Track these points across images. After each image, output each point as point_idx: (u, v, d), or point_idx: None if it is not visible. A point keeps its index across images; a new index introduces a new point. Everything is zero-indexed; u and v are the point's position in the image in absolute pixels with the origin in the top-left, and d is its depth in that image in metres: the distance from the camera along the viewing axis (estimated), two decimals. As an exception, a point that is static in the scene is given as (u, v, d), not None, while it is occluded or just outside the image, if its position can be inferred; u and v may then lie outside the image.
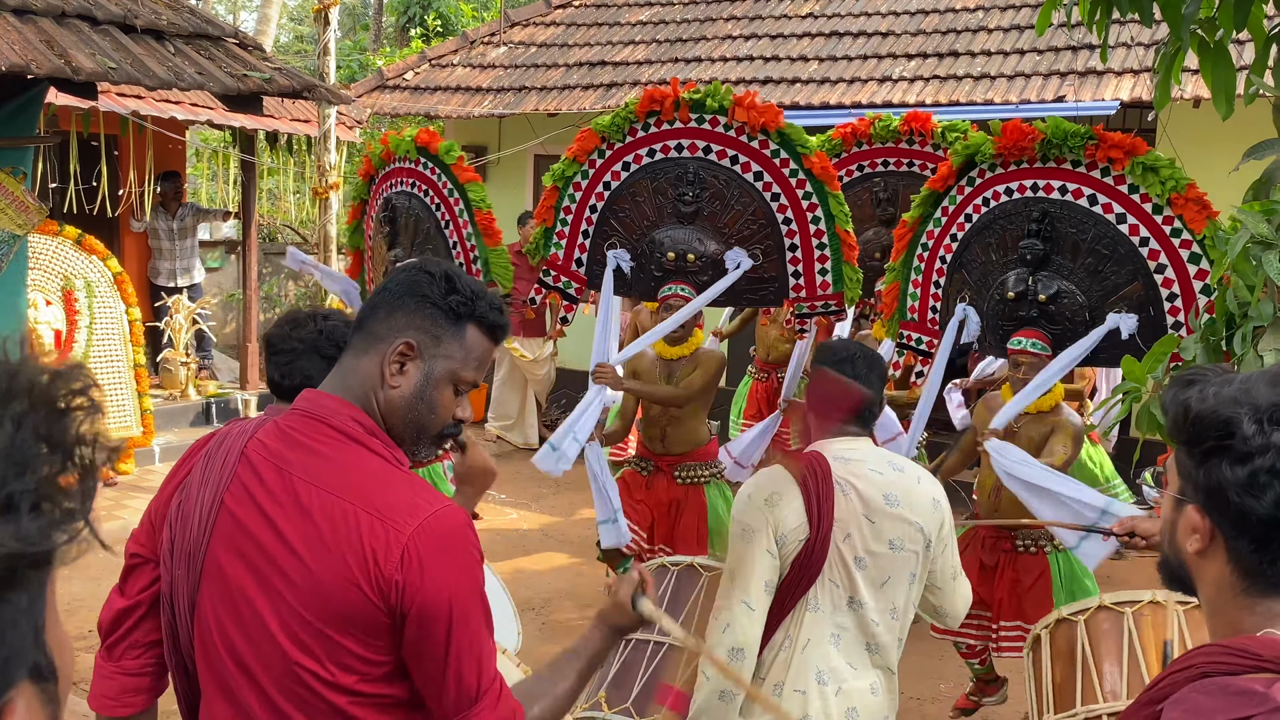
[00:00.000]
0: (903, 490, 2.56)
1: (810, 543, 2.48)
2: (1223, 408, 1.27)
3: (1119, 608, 2.88)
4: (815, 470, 2.54)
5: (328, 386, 1.67)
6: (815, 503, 2.49)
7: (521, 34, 10.88)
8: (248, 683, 1.60)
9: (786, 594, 2.52)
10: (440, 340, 1.65)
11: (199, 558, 1.64)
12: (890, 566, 2.54)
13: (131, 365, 7.87)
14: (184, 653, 1.70)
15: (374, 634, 1.55)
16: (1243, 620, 1.28)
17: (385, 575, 1.52)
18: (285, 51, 25.55)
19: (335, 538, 1.54)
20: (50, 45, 4.89)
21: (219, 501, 1.64)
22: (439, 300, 1.65)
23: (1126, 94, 7.67)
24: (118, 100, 8.43)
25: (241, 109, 5.88)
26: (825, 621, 2.52)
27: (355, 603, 1.53)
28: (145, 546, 1.81)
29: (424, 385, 1.64)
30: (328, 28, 8.89)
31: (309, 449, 1.61)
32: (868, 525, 2.52)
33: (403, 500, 1.57)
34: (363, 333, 1.67)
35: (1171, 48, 2.86)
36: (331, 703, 1.57)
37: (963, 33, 9.01)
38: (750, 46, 9.63)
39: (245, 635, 1.60)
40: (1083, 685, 2.78)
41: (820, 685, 2.50)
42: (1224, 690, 1.18)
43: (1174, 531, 1.36)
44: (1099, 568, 6.90)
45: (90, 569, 1.02)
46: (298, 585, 1.55)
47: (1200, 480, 1.29)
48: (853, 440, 2.63)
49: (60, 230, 7.53)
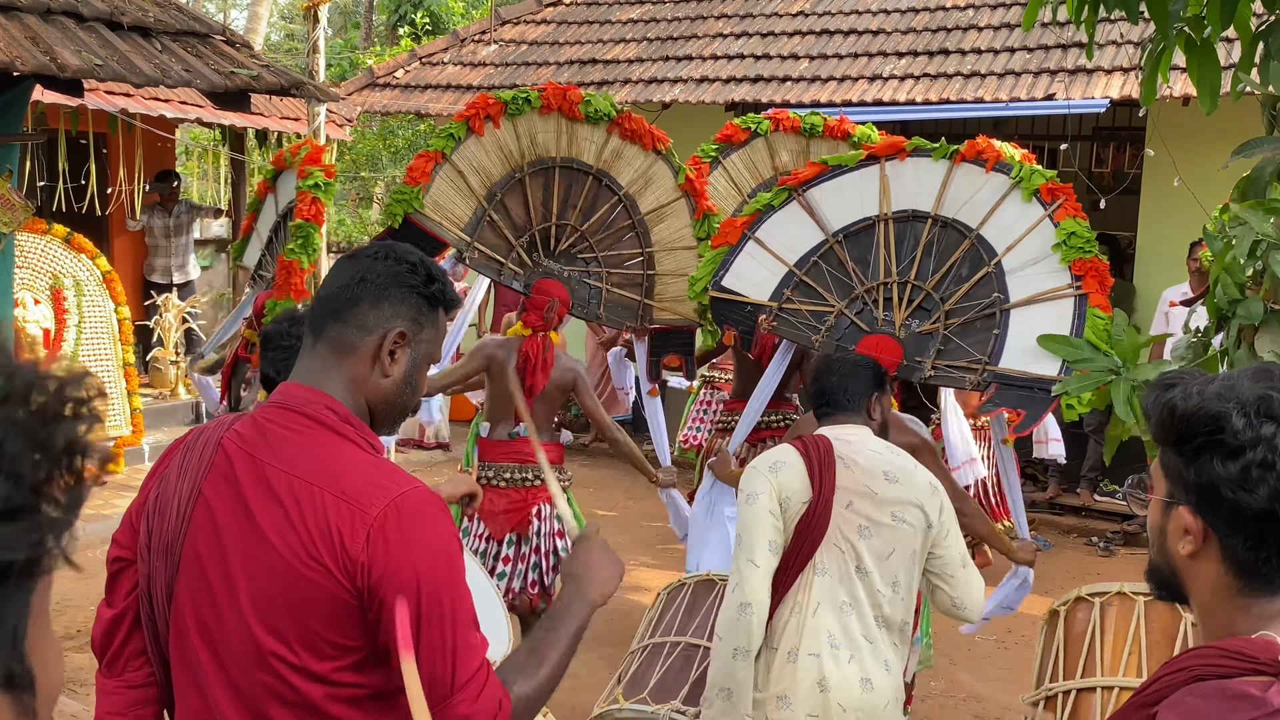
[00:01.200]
0: (901, 470, 2.68)
1: (813, 505, 2.58)
2: (1209, 404, 1.26)
3: (1135, 596, 2.88)
4: (818, 443, 2.69)
5: (300, 378, 1.69)
6: (817, 467, 2.61)
7: (512, 32, 10.86)
8: (217, 673, 1.60)
9: (792, 558, 2.60)
10: (423, 326, 1.71)
11: (176, 549, 1.65)
12: (894, 539, 2.62)
13: (121, 364, 7.85)
14: (163, 645, 1.70)
15: (343, 617, 1.55)
16: (1237, 622, 1.26)
17: (351, 556, 1.53)
18: (276, 50, 25.48)
19: (302, 520, 1.55)
20: (35, 42, 4.87)
21: (197, 491, 1.65)
22: (422, 289, 1.70)
23: (1116, 92, 7.68)
24: (106, 98, 8.40)
25: (230, 107, 5.86)
26: (835, 587, 2.59)
27: (322, 584, 1.54)
28: (128, 549, 1.78)
29: (411, 370, 1.70)
30: (317, 25, 8.86)
31: (282, 437, 1.63)
32: (870, 495, 2.62)
33: (371, 483, 1.58)
34: (343, 324, 1.67)
35: (1158, 45, 2.86)
36: (302, 693, 1.56)
37: (953, 31, 9.02)
38: (741, 44, 9.63)
39: (219, 624, 1.60)
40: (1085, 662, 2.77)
41: (834, 649, 2.56)
42: (1220, 693, 1.17)
43: (1164, 536, 1.33)
44: (1090, 564, 6.93)
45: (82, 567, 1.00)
46: (268, 568, 1.56)
47: (1191, 479, 1.27)
48: (850, 429, 2.77)
49: (49, 229, 7.51)
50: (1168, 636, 2.69)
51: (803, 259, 4.37)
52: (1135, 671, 2.59)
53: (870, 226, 4.29)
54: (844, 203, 4.35)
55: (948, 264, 4.12)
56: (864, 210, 4.32)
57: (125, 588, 1.76)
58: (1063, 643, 2.79)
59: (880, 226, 4.27)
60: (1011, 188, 4.07)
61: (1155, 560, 1.38)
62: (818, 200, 4.39)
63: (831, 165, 4.44)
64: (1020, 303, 3.99)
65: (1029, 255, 4.02)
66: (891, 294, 4.18)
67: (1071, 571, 6.72)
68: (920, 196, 4.23)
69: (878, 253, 4.25)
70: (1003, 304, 4.00)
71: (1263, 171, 2.64)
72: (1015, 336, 3.94)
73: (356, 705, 1.59)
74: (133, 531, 1.76)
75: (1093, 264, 3.86)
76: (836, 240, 4.33)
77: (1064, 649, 2.78)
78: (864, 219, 4.31)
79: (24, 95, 5.46)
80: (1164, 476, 1.33)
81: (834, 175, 4.40)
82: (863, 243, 4.31)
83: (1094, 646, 2.71)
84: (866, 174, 4.34)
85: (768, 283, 4.40)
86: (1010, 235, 4.05)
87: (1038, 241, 4.00)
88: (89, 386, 0.81)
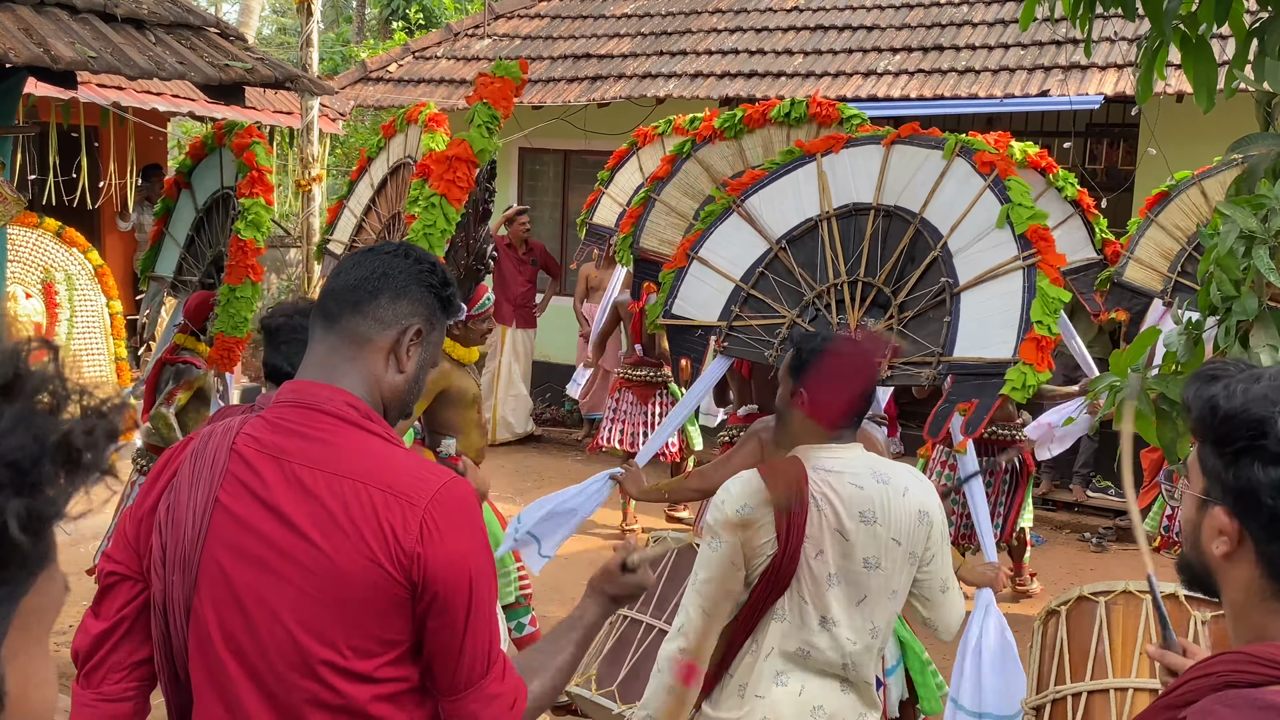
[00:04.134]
0: (882, 505, 2.48)
1: (778, 558, 2.45)
2: (1254, 406, 1.21)
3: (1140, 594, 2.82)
4: (789, 484, 2.48)
5: (312, 375, 1.66)
6: (785, 518, 2.44)
7: (506, 26, 10.84)
8: (248, 685, 1.56)
9: (755, 604, 2.50)
10: (434, 327, 1.73)
11: (194, 561, 1.60)
12: (866, 584, 2.48)
13: (112, 358, 7.82)
14: (177, 662, 1.65)
15: (394, 612, 1.55)
16: (1269, 626, 1.23)
17: (406, 549, 1.53)
18: (268, 44, 25.41)
19: (349, 517, 1.54)
20: (29, 33, 4.85)
21: (213, 500, 1.60)
22: (439, 290, 1.72)
23: (1111, 88, 7.70)
24: (98, 91, 8.36)
25: (223, 100, 5.83)
26: (792, 635, 2.49)
27: (376, 581, 1.53)
28: (121, 563, 1.69)
29: (420, 369, 1.72)
30: (310, 19, 8.83)
31: (306, 436, 1.60)
32: (840, 543, 2.46)
33: (412, 475, 1.58)
34: (361, 316, 1.66)
35: (1153, 42, 2.86)
36: (347, 695, 1.55)
37: (947, 26, 9.02)
38: (735, 40, 9.63)
39: (252, 635, 1.56)
40: (1094, 663, 2.69)
41: (780, 686, 2.49)
42: (1250, 704, 1.13)
43: (1198, 533, 1.30)
44: (1084, 560, 6.95)
45: (65, 567, 0.98)
46: (313, 570, 1.54)
47: (1230, 481, 1.23)
48: (838, 449, 2.55)
49: (41, 222, 7.48)
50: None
51: (748, 272, 4.21)
52: (1149, 672, 2.51)
53: (814, 227, 4.16)
54: (784, 207, 4.21)
55: (895, 255, 3.98)
56: (804, 211, 4.18)
57: (118, 602, 1.69)
58: (1066, 644, 2.72)
59: (823, 226, 4.13)
60: (948, 165, 3.94)
61: (1188, 555, 1.34)
62: (757, 208, 4.25)
63: (767, 169, 4.30)
64: (969, 284, 3.83)
65: (974, 231, 3.86)
66: (844, 295, 4.03)
67: (1065, 567, 6.73)
68: (859, 188, 4.09)
69: (824, 254, 4.10)
70: (953, 288, 3.85)
71: (1257, 167, 2.64)
72: (967, 320, 3.79)
73: (395, 701, 1.58)
74: (127, 545, 1.68)
75: (1041, 232, 3.73)
76: (780, 247, 4.17)
77: (1068, 650, 2.70)
78: (805, 220, 4.17)
79: (17, 87, 5.44)
80: (1201, 472, 1.29)
81: (771, 180, 4.26)
82: (808, 245, 4.16)
83: (1102, 647, 2.65)
84: (804, 174, 4.21)
85: (715, 301, 4.23)
86: (954, 213, 3.90)
87: (982, 215, 3.85)
88: (108, 402, 0.79)
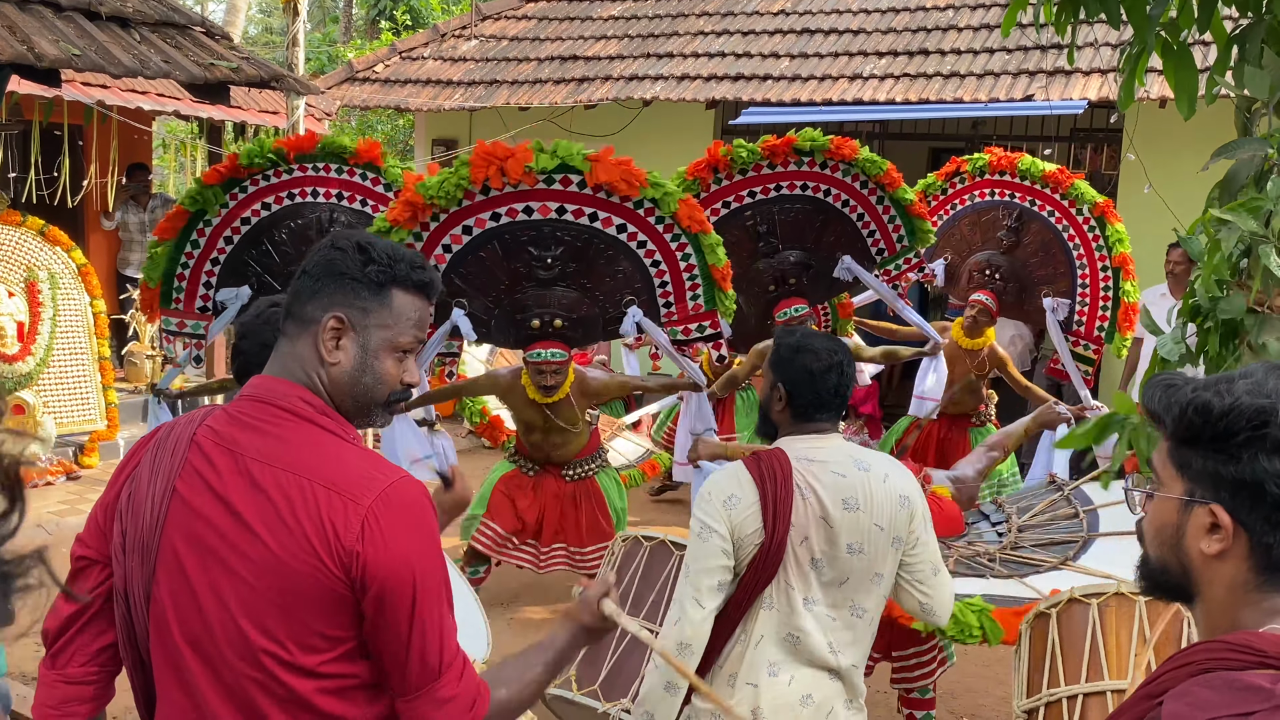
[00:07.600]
0: (865, 493, 2.53)
1: (765, 546, 2.49)
2: (1249, 399, 1.24)
3: (1133, 596, 2.79)
4: (775, 473, 2.53)
5: (270, 371, 1.69)
6: (772, 507, 2.49)
7: (493, 27, 10.84)
8: (204, 671, 1.59)
9: (744, 593, 2.54)
10: (368, 311, 1.67)
11: (153, 548, 1.63)
12: (849, 567, 2.53)
13: (96, 358, 7.78)
14: (140, 647, 1.68)
15: (336, 609, 1.55)
16: (1244, 617, 1.25)
17: (346, 547, 1.54)
18: (254, 44, 25.32)
19: (293, 513, 1.55)
20: (12, 31, 4.83)
21: (170, 489, 1.63)
22: (357, 273, 1.67)
23: (1095, 94, 7.74)
24: (83, 89, 8.32)
25: (209, 99, 5.83)
26: (782, 622, 2.52)
27: (317, 577, 1.54)
28: (91, 548, 1.75)
29: (363, 357, 1.67)
30: (297, 18, 8.81)
31: (260, 430, 1.62)
32: (825, 530, 2.51)
33: (359, 473, 1.58)
34: (293, 318, 1.69)
35: (1136, 49, 2.88)
36: (291, 688, 1.56)
37: (933, 31, 9.06)
38: (722, 43, 9.65)
39: (204, 622, 1.58)
40: (1089, 666, 2.68)
41: (772, 677, 2.52)
42: (1230, 685, 1.15)
43: (1180, 535, 1.30)
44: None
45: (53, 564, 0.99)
46: (257, 563, 1.55)
47: (1231, 476, 1.25)
48: (820, 439, 2.61)
49: (24, 221, 7.44)
50: (1173, 637, 2.63)
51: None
52: (1145, 674, 2.49)
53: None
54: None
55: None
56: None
57: (87, 585, 1.75)
58: (1058, 646, 2.71)
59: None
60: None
61: (1162, 559, 1.34)
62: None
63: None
64: None
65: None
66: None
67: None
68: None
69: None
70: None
71: (1238, 173, 2.66)
72: None
73: (344, 696, 1.59)
74: (98, 531, 1.74)
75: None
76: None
77: (1060, 653, 2.70)
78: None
79: (0, 85, 5.41)
80: (1180, 476, 1.30)
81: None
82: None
83: (1096, 649, 2.65)
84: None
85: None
86: None
87: None
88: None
